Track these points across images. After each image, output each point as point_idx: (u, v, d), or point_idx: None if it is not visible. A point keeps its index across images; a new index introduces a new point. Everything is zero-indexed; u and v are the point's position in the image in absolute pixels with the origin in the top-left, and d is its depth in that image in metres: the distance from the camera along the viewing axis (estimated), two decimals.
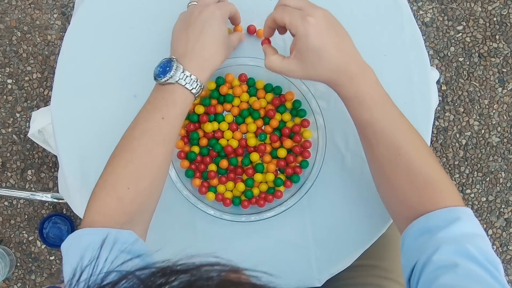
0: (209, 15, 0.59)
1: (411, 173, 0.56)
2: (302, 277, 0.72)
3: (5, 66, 1.36)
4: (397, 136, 0.57)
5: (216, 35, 0.60)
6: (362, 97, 0.57)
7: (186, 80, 0.58)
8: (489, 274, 0.48)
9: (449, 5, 1.39)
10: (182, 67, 0.58)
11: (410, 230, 0.55)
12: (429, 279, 0.49)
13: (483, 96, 1.39)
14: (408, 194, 0.57)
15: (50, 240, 1.35)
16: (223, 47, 0.61)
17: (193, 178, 0.70)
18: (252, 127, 0.69)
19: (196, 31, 0.59)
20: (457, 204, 0.54)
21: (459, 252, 0.49)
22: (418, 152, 0.57)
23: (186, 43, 0.60)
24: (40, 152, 1.36)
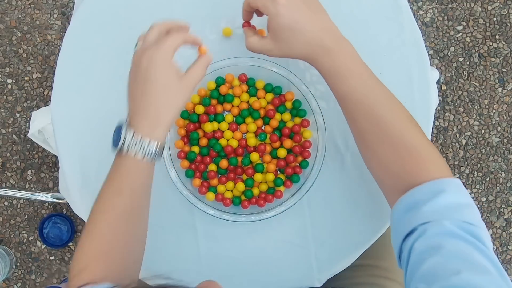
0: (147, 64, 0.53)
1: (392, 142, 0.56)
2: (302, 277, 0.72)
3: (5, 66, 1.36)
4: (376, 105, 0.57)
5: (159, 86, 0.53)
6: (338, 69, 0.57)
7: (136, 147, 0.53)
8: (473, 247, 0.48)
9: (449, 5, 1.39)
10: (133, 131, 0.53)
11: (397, 206, 0.55)
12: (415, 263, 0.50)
13: (483, 96, 1.39)
14: (392, 163, 0.56)
15: (50, 240, 1.35)
16: (172, 95, 0.54)
17: (193, 178, 0.70)
18: (252, 127, 0.69)
19: (140, 86, 0.54)
20: (443, 175, 0.54)
21: (442, 233, 0.49)
22: (398, 121, 0.57)
23: (133, 102, 0.55)
24: (40, 152, 1.36)
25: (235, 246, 0.71)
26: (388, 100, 0.58)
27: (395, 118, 0.57)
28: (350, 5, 0.71)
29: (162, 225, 0.71)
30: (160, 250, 0.71)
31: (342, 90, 0.58)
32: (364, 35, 0.72)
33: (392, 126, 0.56)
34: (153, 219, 0.71)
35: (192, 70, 0.57)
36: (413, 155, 0.55)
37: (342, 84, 0.58)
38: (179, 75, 0.55)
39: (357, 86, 0.57)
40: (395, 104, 0.58)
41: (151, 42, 0.55)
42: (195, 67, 0.57)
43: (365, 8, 0.71)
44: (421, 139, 0.56)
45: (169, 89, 0.54)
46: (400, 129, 0.56)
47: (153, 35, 0.55)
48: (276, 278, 0.72)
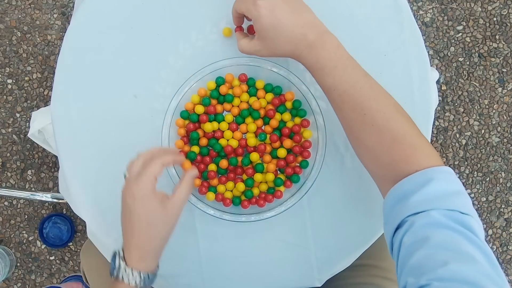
0: (130, 202, 0.57)
1: (379, 131, 0.56)
2: (302, 277, 0.72)
3: (5, 66, 1.36)
4: (361, 95, 0.57)
5: (142, 222, 0.57)
6: (322, 63, 0.58)
7: (128, 276, 0.57)
8: (462, 236, 0.48)
9: (449, 5, 1.39)
10: (124, 263, 0.58)
11: (387, 198, 0.55)
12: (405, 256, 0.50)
13: (483, 96, 1.39)
14: (381, 154, 0.57)
15: (50, 240, 1.35)
16: (156, 227, 0.58)
17: None
18: (252, 127, 0.69)
19: (126, 222, 0.58)
20: (432, 164, 0.54)
21: (430, 224, 0.49)
22: (384, 110, 0.57)
23: (124, 234, 0.59)
24: (40, 152, 1.36)
25: (235, 246, 0.71)
26: (373, 90, 0.58)
27: (381, 107, 0.57)
28: (350, 5, 0.71)
29: None
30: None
31: (328, 82, 0.59)
32: (364, 35, 0.72)
33: (378, 116, 0.56)
34: None
35: (176, 194, 0.59)
36: (401, 144, 0.55)
37: (327, 77, 0.58)
38: (163, 204, 0.57)
39: (342, 78, 0.58)
40: (382, 94, 0.58)
41: (134, 174, 0.58)
42: (179, 189, 0.59)
43: (365, 8, 0.71)
44: (409, 128, 0.56)
45: (152, 222, 0.57)
46: (387, 119, 0.56)
47: (136, 167, 0.58)
48: (276, 278, 0.72)
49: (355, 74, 0.59)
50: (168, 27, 0.71)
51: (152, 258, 0.59)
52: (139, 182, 0.57)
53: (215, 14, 0.71)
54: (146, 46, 0.71)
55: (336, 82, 0.58)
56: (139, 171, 0.58)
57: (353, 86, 0.58)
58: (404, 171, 0.54)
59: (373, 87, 0.58)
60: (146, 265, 0.58)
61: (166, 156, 0.60)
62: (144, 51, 0.71)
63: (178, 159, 0.63)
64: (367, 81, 0.59)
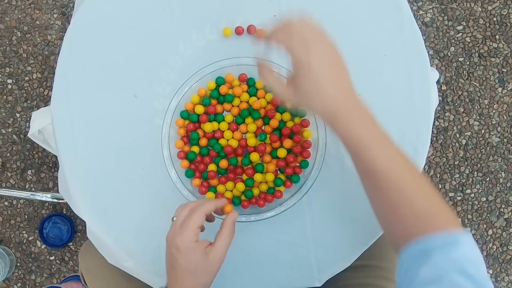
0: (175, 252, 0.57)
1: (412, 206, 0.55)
2: (302, 277, 0.72)
3: (5, 66, 1.36)
4: (399, 175, 0.56)
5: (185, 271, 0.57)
6: (361, 138, 0.56)
7: None
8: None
9: (449, 5, 1.39)
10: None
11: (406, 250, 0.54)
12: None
13: (483, 96, 1.39)
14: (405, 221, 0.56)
15: (50, 240, 1.35)
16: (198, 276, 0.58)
17: (193, 178, 0.70)
18: (252, 127, 0.69)
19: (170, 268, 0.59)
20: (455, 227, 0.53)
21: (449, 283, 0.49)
22: (421, 192, 0.56)
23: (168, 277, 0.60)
24: (40, 152, 1.36)
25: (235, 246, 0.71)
26: (410, 170, 0.57)
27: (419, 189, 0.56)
28: (350, 5, 0.71)
29: (162, 225, 0.71)
30: (160, 250, 0.71)
31: (365, 158, 0.56)
32: (364, 35, 0.72)
33: (415, 197, 0.55)
34: (153, 219, 0.71)
35: (218, 242, 0.59)
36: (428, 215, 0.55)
37: (367, 152, 0.56)
38: (206, 254, 0.58)
39: (380, 155, 0.56)
40: (417, 173, 0.57)
41: (179, 223, 0.58)
42: (221, 237, 0.59)
43: (365, 8, 0.72)
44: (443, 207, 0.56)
45: (195, 273, 0.57)
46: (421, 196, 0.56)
47: (183, 215, 0.59)
48: (276, 278, 0.72)
49: (392, 151, 0.57)
50: (168, 27, 0.71)
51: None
52: (182, 233, 0.57)
53: (215, 14, 0.71)
54: (146, 46, 0.71)
55: (374, 159, 0.55)
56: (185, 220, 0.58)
57: (391, 165, 0.55)
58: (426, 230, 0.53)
59: (410, 168, 0.57)
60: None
61: (208, 204, 0.60)
62: (144, 51, 0.71)
63: (220, 204, 0.62)
64: (404, 160, 0.57)
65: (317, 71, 0.53)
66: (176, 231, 0.58)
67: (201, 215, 0.58)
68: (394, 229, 0.58)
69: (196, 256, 0.57)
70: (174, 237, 0.58)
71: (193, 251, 0.57)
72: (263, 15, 0.71)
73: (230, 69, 0.70)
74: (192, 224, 0.57)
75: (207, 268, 0.58)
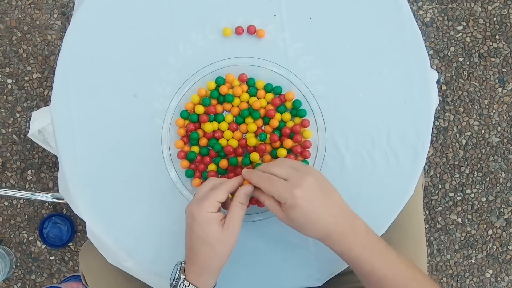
0: (189, 220, 0.59)
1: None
2: (302, 277, 0.72)
3: (5, 66, 1.36)
4: (400, 277, 0.58)
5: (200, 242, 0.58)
6: (357, 252, 0.59)
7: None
8: None
9: (449, 5, 1.39)
10: (183, 276, 0.60)
11: None
12: None
13: (483, 96, 1.39)
14: None
15: (50, 240, 1.35)
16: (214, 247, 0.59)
17: (193, 178, 0.70)
18: (252, 127, 0.69)
19: (188, 240, 0.60)
20: None
21: None
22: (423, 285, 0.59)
23: (186, 250, 0.61)
24: (40, 152, 1.36)
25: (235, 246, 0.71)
26: (410, 269, 0.59)
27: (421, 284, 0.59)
28: (350, 5, 0.71)
29: (162, 225, 0.71)
30: (160, 250, 0.71)
31: (365, 269, 0.59)
32: (364, 35, 0.72)
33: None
34: (153, 219, 0.71)
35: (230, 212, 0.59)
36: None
37: (366, 263, 0.59)
38: (220, 224, 0.59)
39: (380, 263, 0.59)
40: (416, 271, 0.60)
41: (199, 196, 0.59)
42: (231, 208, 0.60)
43: (365, 8, 0.72)
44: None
45: (210, 243, 0.58)
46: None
47: (204, 190, 0.60)
48: (276, 278, 0.72)
49: (390, 256, 0.59)
50: (168, 27, 0.71)
51: (210, 276, 0.60)
52: (200, 204, 0.58)
53: (215, 14, 0.71)
54: (146, 46, 0.71)
55: (375, 269, 0.58)
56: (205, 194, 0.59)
57: (392, 270, 0.58)
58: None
59: (408, 266, 0.59)
60: (204, 281, 0.59)
61: (232, 181, 0.61)
62: (144, 51, 0.71)
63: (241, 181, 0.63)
64: (401, 260, 0.59)
65: (304, 209, 0.57)
66: (195, 201, 0.59)
67: (223, 190, 0.59)
68: None
69: (211, 226, 0.58)
70: (192, 206, 0.59)
71: (208, 221, 0.58)
72: (263, 15, 0.71)
73: (230, 69, 0.70)
74: (212, 196, 0.59)
75: (223, 239, 0.59)
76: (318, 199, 0.57)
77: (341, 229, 0.58)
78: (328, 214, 0.58)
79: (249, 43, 0.71)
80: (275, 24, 0.71)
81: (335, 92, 0.71)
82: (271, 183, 0.58)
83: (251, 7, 0.71)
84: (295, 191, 0.56)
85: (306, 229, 0.59)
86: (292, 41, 0.71)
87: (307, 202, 0.56)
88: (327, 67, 0.71)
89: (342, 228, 0.58)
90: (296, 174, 0.58)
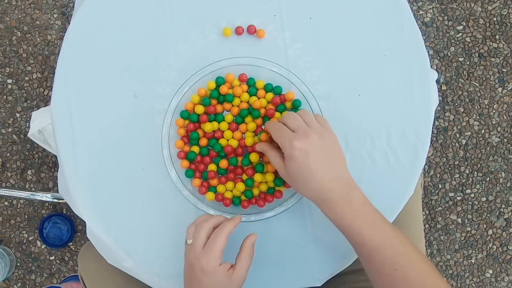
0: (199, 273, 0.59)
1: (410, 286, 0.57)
2: (302, 277, 0.72)
3: (5, 66, 1.36)
4: (392, 252, 0.58)
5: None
6: (349, 221, 0.59)
7: None
8: None
9: (449, 5, 1.39)
10: None
11: None
12: None
13: (483, 96, 1.39)
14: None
15: (50, 240, 1.35)
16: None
17: (193, 178, 0.70)
18: (252, 126, 0.69)
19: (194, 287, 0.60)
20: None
21: None
22: (415, 265, 0.58)
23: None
24: (40, 152, 1.36)
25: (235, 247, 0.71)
26: (402, 245, 0.59)
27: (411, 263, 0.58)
28: (351, 5, 0.71)
29: (162, 225, 0.71)
30: (160, 250, 0.71)
31: (356, 240, 0.59)
32: (364, 35, 0.72)
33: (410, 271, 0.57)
34: (153, 219, 0.71)
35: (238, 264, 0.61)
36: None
37: (356, 236, 0.59)
38: (229, 275, 0.60)
39: (372, 236, 0.58)
40: (410, 248, 0.59)
41: (200, 246, 0.60)
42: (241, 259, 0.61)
43: (365, 8, 0.72)
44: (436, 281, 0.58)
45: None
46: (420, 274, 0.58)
47: (201, 239, 0.60)
48: (276, 278, 0.72)
49: (384, 230, 0.59)
50: (168, 27, 0.71)
51: None
52: (207, 256, 0.59)
53: (215, 14, 0.71)
54: (146, 46, 0.71)
55: (365, 240, 0.58)
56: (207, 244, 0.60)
57: (383, 243, 0.58)
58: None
59: (402, 243, 0.59)
60: None
61: (228, 226, 0.61)
62: (144, 51, 0.71)
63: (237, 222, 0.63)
64: (396, 236, 0.59)
65: (300, 163, 0.57)
66: (199, 254, 0.60)
67: (224, 238, 0.60)
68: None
69: (220, 278, 0.59)
70: (200, 260, 0.59)
71: (217, 273, 0.59)
72: (263, 15, 0.71)
73: (230, 69, 0.70)
74: (217, 247, 0.59)
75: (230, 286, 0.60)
76: (316, 158, 0.58)
77: (335, 196, 0.58)
78: (323, 176, 0.58)
79: (249, 43, 0.71)
80: (275, 24, 0.71)
81: (335, 92, 0.71)
82: (279, 131, 0.60)
83: (251, 7, 0.71)
84: (295, 141, 0.57)
85: (300, 186, 0.60)
86: (292, 41, 0.71)
87: (303, 156, 0.57)
88: (327, 67, 0.71)
89: (336, 195, 0.58)
90: (304, 128, 0.59)
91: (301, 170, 0.58)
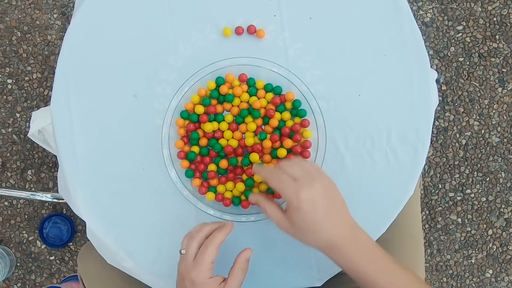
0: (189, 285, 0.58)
1: None
2: (302, 277, 0.72)
3: (5, 66, 1.36)
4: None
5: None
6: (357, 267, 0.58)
7: None
8: None
9: (449, 5, 1.39)
10: None
11: None
12: None
13: (483, 96, 1.39)
14: None
15: (50, 240, 1.35)
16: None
17: (193, 178, 0.70)
18: (252, 126, 0.69)
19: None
20: None
21: None
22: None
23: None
24: (40, 152, 1.36)
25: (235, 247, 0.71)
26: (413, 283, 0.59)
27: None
28: (350, 5, 0.71)
29: (162, 225, 0.71)
30: (160, 250, 0.71)
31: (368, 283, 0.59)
32: (364, 35, 0.72)
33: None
34: (153, 219, 0.71)
35: (231, 278, 0.60)
36: None
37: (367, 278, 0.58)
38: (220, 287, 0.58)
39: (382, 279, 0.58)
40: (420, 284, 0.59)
41: (191, 257, 0.59)
42: (234, 273, 0.60)
43: (365, 8, 0.72)
44: None
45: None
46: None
47: (192, 250, 0.59)
48: (276, 278, 0.72)
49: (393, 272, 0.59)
50: (168, 27, 0.71)
51: None
52: (197, 268, 0.58)
53: (215, 14, 0.71)
54: (146, 46, 0.71)
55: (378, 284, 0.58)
56: (197, 255, 0.59)
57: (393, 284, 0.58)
58: None
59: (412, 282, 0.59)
60: None
61: (218, 236, 0.60)
62: (144, 51, 0.71)
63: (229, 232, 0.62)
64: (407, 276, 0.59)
65: (307, 215, 0.55)
66: (190, 265, 0.58)
67: (214, 249, 0.59)
68: None
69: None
70: (189, 271, 0.58)
71: (207, 286, 0.58)
72: (263, 15, 0.71)
73: (230, 69, 0.70)
74: (207, 259, 0.58)
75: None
76: (323, 207, 0.56)
77: (344, 242, 0.57)
78: (332, 225, 0.57)
79: (249, 43, 0.71)
80: (275, 24, 0.71)
81: (335, 92, 0.71)
82: (279, 180, 0.57)
83: (251, 7, 0.71)
84: (301, 193, 0.55)
85: (307, 237, 0.58)
86: (292, 41, 0.71)
87: (311, 207, 0.55)
88: (327, 67, 0.71)
89: (345, 241, 0.57)
90: (306, 176, 0.56)
91: (309, 222, 0.56)
